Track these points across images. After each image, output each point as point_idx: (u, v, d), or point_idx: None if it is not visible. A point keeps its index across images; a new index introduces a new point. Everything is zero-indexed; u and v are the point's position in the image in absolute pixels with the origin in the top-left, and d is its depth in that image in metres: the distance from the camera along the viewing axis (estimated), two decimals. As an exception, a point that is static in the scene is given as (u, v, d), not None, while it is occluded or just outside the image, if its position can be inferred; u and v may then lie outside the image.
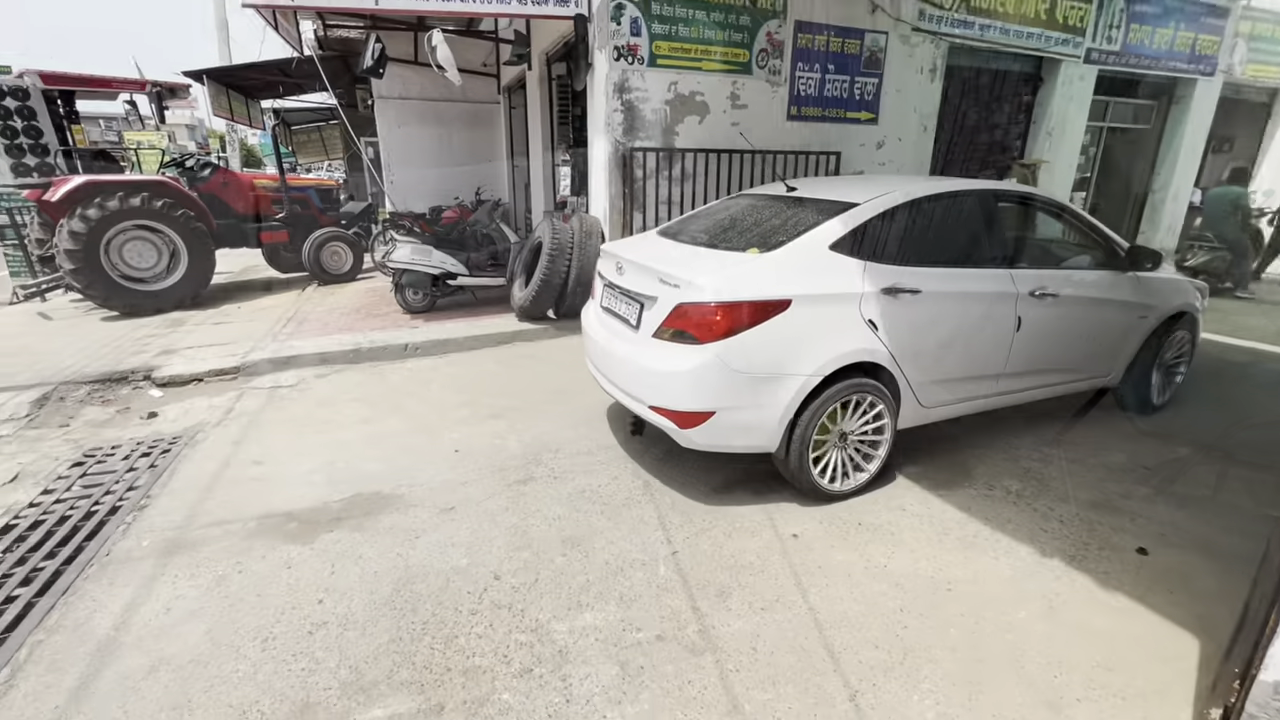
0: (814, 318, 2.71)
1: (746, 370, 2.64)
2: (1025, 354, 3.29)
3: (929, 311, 2.95)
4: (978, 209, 3.25)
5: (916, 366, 2.98)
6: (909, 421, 3.13)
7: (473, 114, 10.86)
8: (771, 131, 6.25)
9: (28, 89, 6.46)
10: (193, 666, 2.03)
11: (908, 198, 3.02)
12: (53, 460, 3.45)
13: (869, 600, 2.32)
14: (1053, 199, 3.56)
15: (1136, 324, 3.69)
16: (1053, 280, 3.32)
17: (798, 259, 2.79)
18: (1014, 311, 3.17)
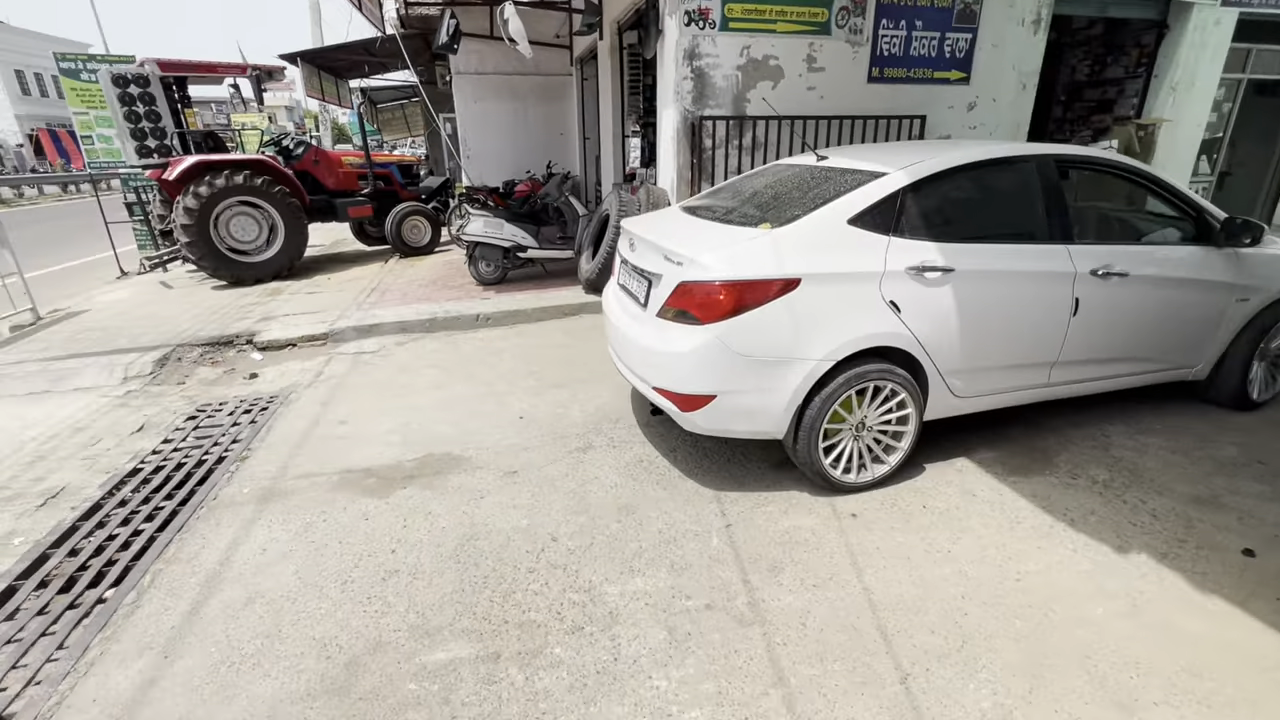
0: (827, 298, 2.53)
1: (750, 353, 2.50)
2: (1084, 341, 2.97)
3: (963, 292, 2.68)
4: (1031, 178, 2.90)
5: (948, 353, 2.73)
6: (940, 413, 2.90)
7: (546, 87, 10.93)
8: (850, 95, 5.92)
9: (148, 76, 7.09)
10: (283, 601, 2.25)
11: (945, 166, 2.74)
12: (171, 414, 3.86)
13: (928, 585, 2.24)
14: (1129, 163, 3.14)
15: (1233, 308, 3.24)
16: (1122, 257, 2.96)
17: (811, 234, 2.59)
18: (1070, 293, 2.86)
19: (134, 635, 2.11)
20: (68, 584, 2.39)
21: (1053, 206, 2.90)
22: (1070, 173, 3.24)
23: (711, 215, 3.07)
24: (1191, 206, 3.19)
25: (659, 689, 1.85)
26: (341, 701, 1.84)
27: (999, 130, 6.64)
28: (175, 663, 1.99)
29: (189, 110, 7.64)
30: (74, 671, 1.97)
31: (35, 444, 3.49)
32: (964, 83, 6.33)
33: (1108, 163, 3.17)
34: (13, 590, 2.36)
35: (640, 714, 1.77)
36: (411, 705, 1.82)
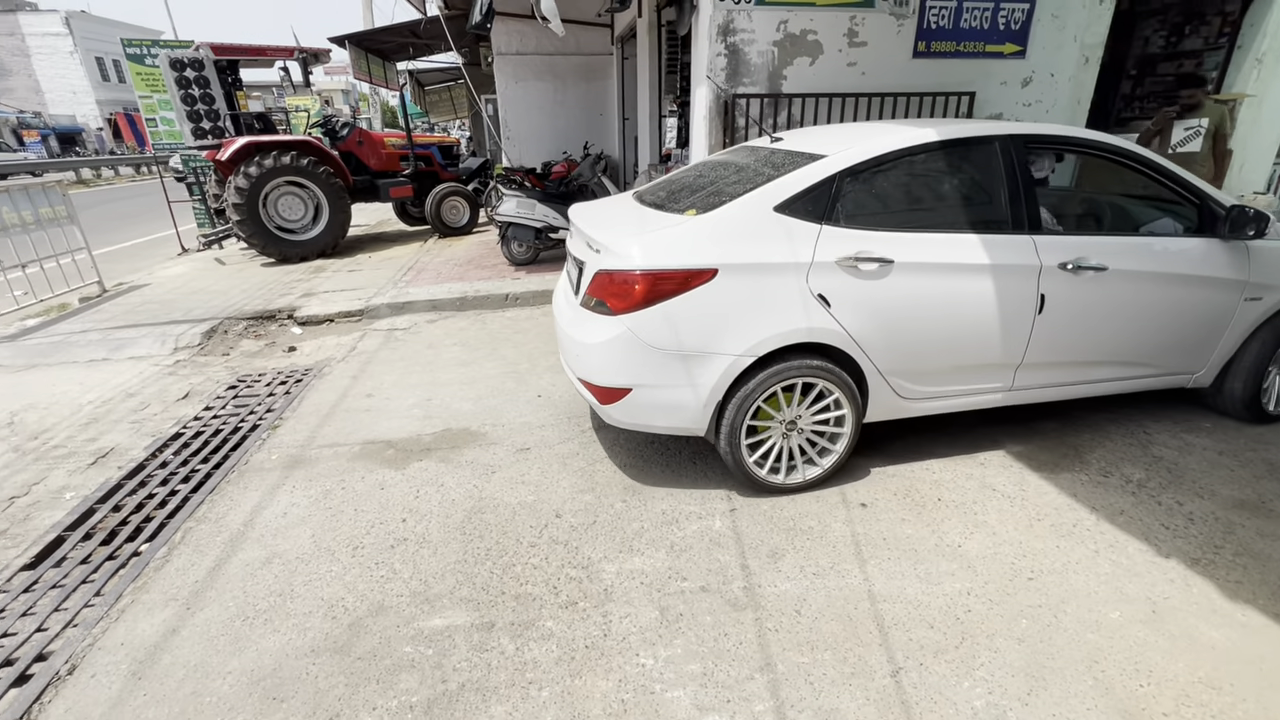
0: (746, 290, 2.36)
1: (664, 346, 2.38)
2: (1054, 342, 2.70)
3: (904, 286, 2.47)
4: (993, 160, 2.62)
5: (888, 352, 2.54)
6: (886, 415, 2.72)
7: (586, 67, 10.87)
8: (894, 71, 5.67)
9: (202, 60, 7.40)
10: (297, 563, 2.36)
11: (889, 148, 2.52)
12: (214, 383, 4.08)
13: (932, 579, 2.17)
14: (1113, 143, 2.77)
15: (1241, 309, 2.86)
16: (1099, 250, 2.65)
17: (734, 222, 2.43)
18: (1035, 288, 2.59)
19: (162, 587, 2.26)
20: (109, 536, 2.57)
21: (1017, 192, 2.61)
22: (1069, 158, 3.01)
23: (654, 201, 2.88)
24: (1192, 193, 2.81)
25: (645, 666, 1.86)
26: (342, 660, 1.92)
27: (1056, 108, 6.25)
28: (196, 614, 2.12)
29: (241, 92, 7.94)
30: (107, 617, 2.12)
31: (91, 407, 3.74)
32: (1019, 56, 5.97)
33: (1087, 143, 2.78)
34: (61, 540, 2.55)
35: (624, 689, 1.79)
36: (406, 667, 1.89)
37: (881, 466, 2.86)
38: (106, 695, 1.82)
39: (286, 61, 7.89)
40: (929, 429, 3.12)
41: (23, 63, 33.73)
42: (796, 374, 2.47)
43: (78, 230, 6.03)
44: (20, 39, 33.27)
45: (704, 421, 2.53)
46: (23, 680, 1.90)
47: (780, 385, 2.48)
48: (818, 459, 2.69)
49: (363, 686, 1.83)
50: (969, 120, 3.00)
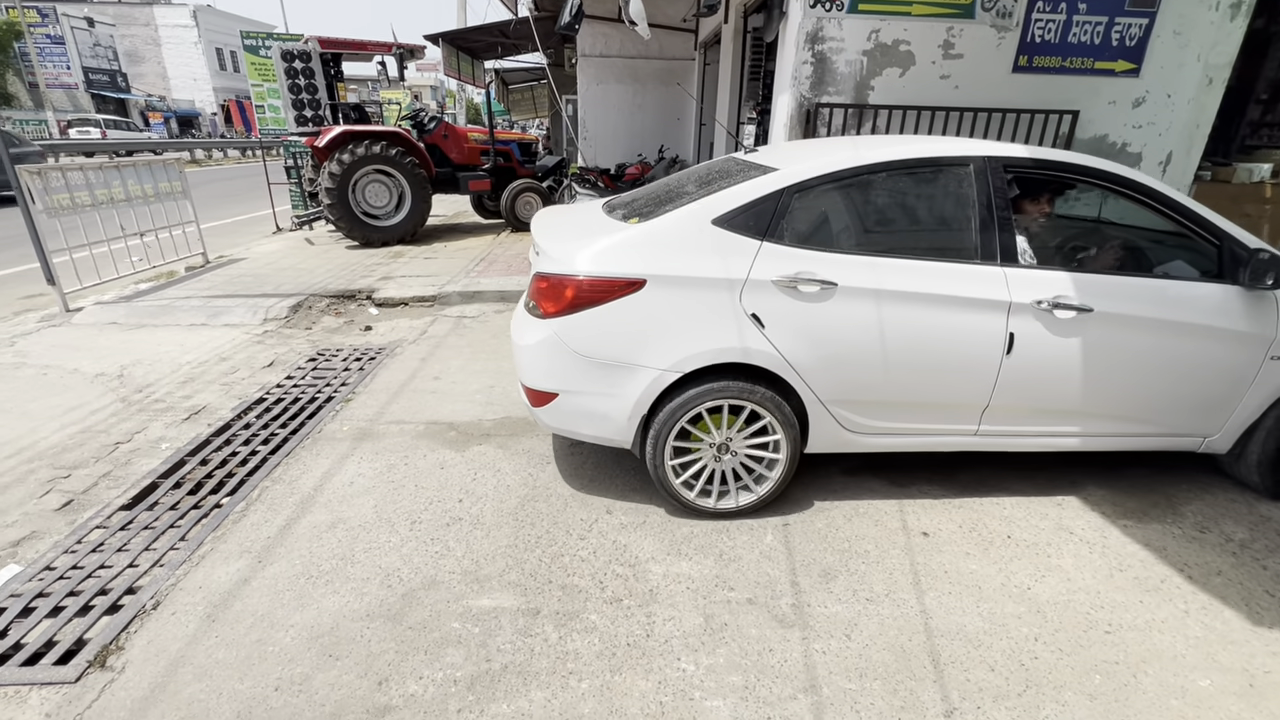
0: (674, 304, 2.29)
1: (589, 354, 2.34)
2: (1025, 387, 2.46)
3: (849, 312, 2.31)
4: (965, 184, 2.42)
5: (829, 380, 2.39)
6: (831, 447, 2.57)
7: (667, 71, 10.93)
8: (990, 86, 5.41)
9: (310, 52, 7.90)
10: (359, 530, 2.47)
11: (846, 165, 2.39)
12: (296, 354, 4.33)
13: (997, 620, 2.05)
14: (1115, 171, 2.49)
15: (1268, 369, 2.49)
16: (1085, 288, 2.38)
17: (668, 233, 2.36)
18: (1003, 326, 2.36)
19: (238, 539, 2.41)
20: (195, 487, 2.77)
21: (989, 219, 2.39)
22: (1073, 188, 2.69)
23: (618, 209, 2.76)
24: (1210, 232, 2.48)
25: (685, 672, 1.84)
26: (394, 627, 1.99)
27: (1170, 131, 5.81)
28: (266, 568, 2.25)
29: (341, 84, 8.42)
30: (189, 561, 2.29)
31: (189, 367, 4.05)
32: (1132, 75, 5.58)
33: (1084, 169, 2.49)
34: (155, 486, 2.77)
35: (663, 692, 1.77)
36: (453, 642, 1.94)
37: (948, 498, 2.73)
38: (184, 633, 1.96)
39: (384, 56, 8.31)
40: (1002, 462, 2.95)
41: (154, 51, 37.07)
42: (725, 395, 2.36)
43: (189, 205, 6.55)
44: (154, 30, 36.58)
45: (629, 435, 2.45)
46: (114, 609, 2.07)
47: (708, 405, 2.38)
48: (753, 485, 2.56)
49: (411, 655, 1.89)
50: (947, 139, 2.74)
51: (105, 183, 5.51)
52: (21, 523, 2.48)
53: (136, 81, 35.89)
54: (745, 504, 2.55)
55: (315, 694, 1.76)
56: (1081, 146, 5.65)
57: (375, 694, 1.76)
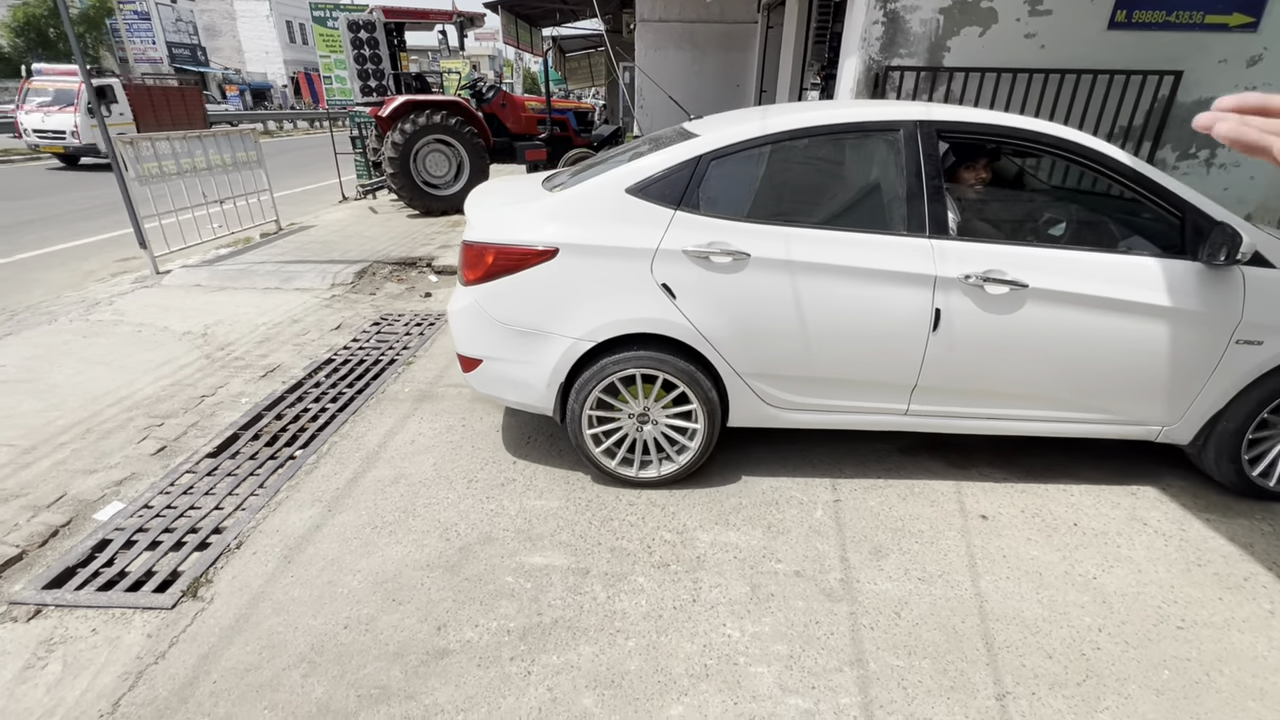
0: (586, 272, 2.28)
1: (506, 321, 2.37)
2: (955, 366, 2.32)
3: (763, 284, 2.24)
4: (894, 150, 2.28)
5: (744, 353, 2.33)
6: (755, 422, 2.50)
7: (727, 35, 10.58)
8: (1082, 44, 4.99)
9: (375, 22, 8.04)
10: (420, 485, 2.59)
11: (766, 131, 2.29)
12: (361, 318, 4.52)
13: (1057, 607, 1.98)
14: (1059, 134, 2.28)
15: (1232, 353, 2.26)
16: (1022, 262, 2.21)
17: (582, 202, 2.33)
18: (929, 301, 2.23)
19: (310, 489, 2.57)
20: (272, 439, 2.95)
21: (918, 188, 2.25)
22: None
23: (555, 179, 2.74)
24: (1172, 203, 2.24)
25: (730, 637, 1.86)
26: (452, 578, 2.10)
27: (1288, 92, 5.22)
28: (335, 516, 2.40)
29: (404, 54, 8.55)
30: (267, 507, 2.46)
31: (264, 328, 4.29)
32: (1249, 29, 5.03)
33: (1030, 134, 2.29)
34: (236, 437, 2.97)
35: (708, 655, 1.80)
36: (506, 595, 2.02)
37: (1011, 481, 2.63)
38: (263, 571, 2.12)
39: (445, 25, 8.37)
40: (1072, 448, 2.81)
41: (229, 25, 38.57)
42: (638, 365, 2.35)
43: (264, 174, 6.85)
44: (230, 4, 38.01)
45: (549, 401, 2.46)
46: (203, 546, 2.25)
47: (620, 375, 2.36)
48: (674, 456, 2.54)
49: (468, 604, 1.98)
50: (880, 102, 2.54)
51: (189, 152, 5.83)
52: (123, 465, 2.72)
53: (214, 55, 37.52)
54: (666, 474, 2.54)
55: (380, 634, 1.87)
56: (1184, 110, 5.18)
57: (434, 638, 1.86)
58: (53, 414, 3.10)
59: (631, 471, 2.55)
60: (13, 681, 1.72)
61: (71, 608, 1.97)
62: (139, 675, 1.74)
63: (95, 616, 1.94)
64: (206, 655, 1.80)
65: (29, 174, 12.49)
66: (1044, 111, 5.02)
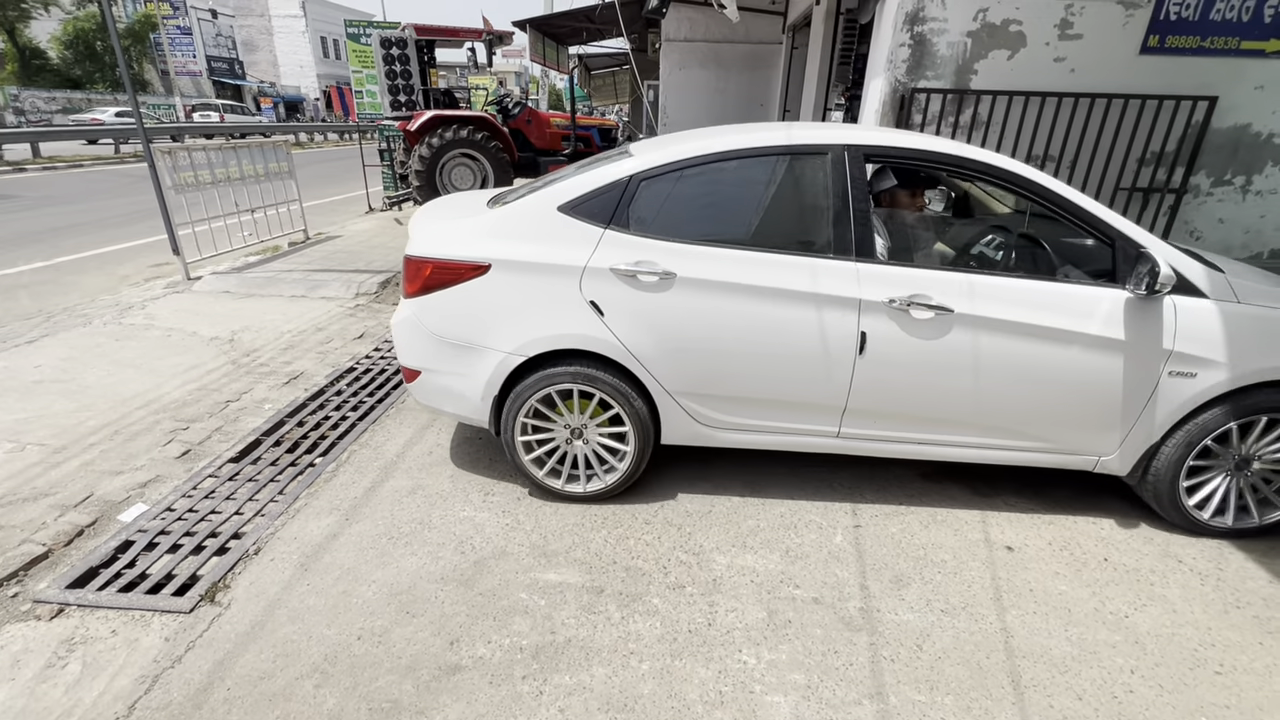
0: (517, 288, 2.33)
1: (441, 334, 2.42)
2: (884, 390, 2.31)
3: (688, 303, 2.26)
4: (820, 173, 2.30)
5: (672, 371, 2.35)
6: (685, 440, 2.51)
7: (752, 55, 10.67)
8: (1113, 69, 4.94)
9: (406, 39, 8.24)
10: (436, 498, 2.59)
11: (695, 154, 2.32)
12: (384, 328, 4.57)
13: (1087, 646, 1.91)
14: (986, 160, 2.29)
15: (1166, 385, 2.22)
16: (947, 288, 2.20)
17: (516, 219, 2.40)
18: (855, 324, 2.23)
19: (328, 496, 2.59)
20: (293, 446, 2.99)
21: (844, 211, 2.26)
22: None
23: (500, 197, 2.75)
24: (1100, 230, 2.23)
25: (746, 664, 1.82)
26: (466, 592, 2.09)
27: (1328, 120, 5.12)
28: (352, 525, 2.41)
29: (434, 70, 8.74)
30: (286, 513, 2.48)
31: (289, 335, 4.36)
32: (1286, 56, 4.95)
33: (958, 160, 2.30)
34: (258, 442, 3.01)
35: (723, 681, 1.77)
36: (520, 612, 2.01)
37: (1038, 512, 2.56)
38: (280, 578, 2.13)
39: (474, 43, 8.55)
40: (1101, 481, 2.73)
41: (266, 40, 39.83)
42: (570, 380, 2.37)
43: (294, 184, 7.02)
44: (267, 20, 39.29)
45: (484, 414, 2.49)
46: (222, 551, 2.27)
47: (555, 389, 2.40)
48: (602, 475, 2.56)
49: (481, 620, 1.97)
50: (812, 125, 2.57)
51: (224, 162, 5.99)
52: (148, 467, 2.77)
53: (250, 69, 38.74)
54: (592, 490, 2.55)
55: (393, 646, 1.87)
56: (1218, 137, 5.10)
57: (447, 653, 1.85)
58: (83, 414, 3.17)
59: (558, 484, 2.57)
60: (34, 680, 1.74)
61: (93, 608, 2.00)
62: (155, 679, 1.75)
63: (115, 618, 1.96)
64: (221, 661, 1.81)
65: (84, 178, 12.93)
66: (1073, 136, 4.97)
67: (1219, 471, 2.36)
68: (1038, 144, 5.06)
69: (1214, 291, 2.21)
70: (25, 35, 28.77)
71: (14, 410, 3.19)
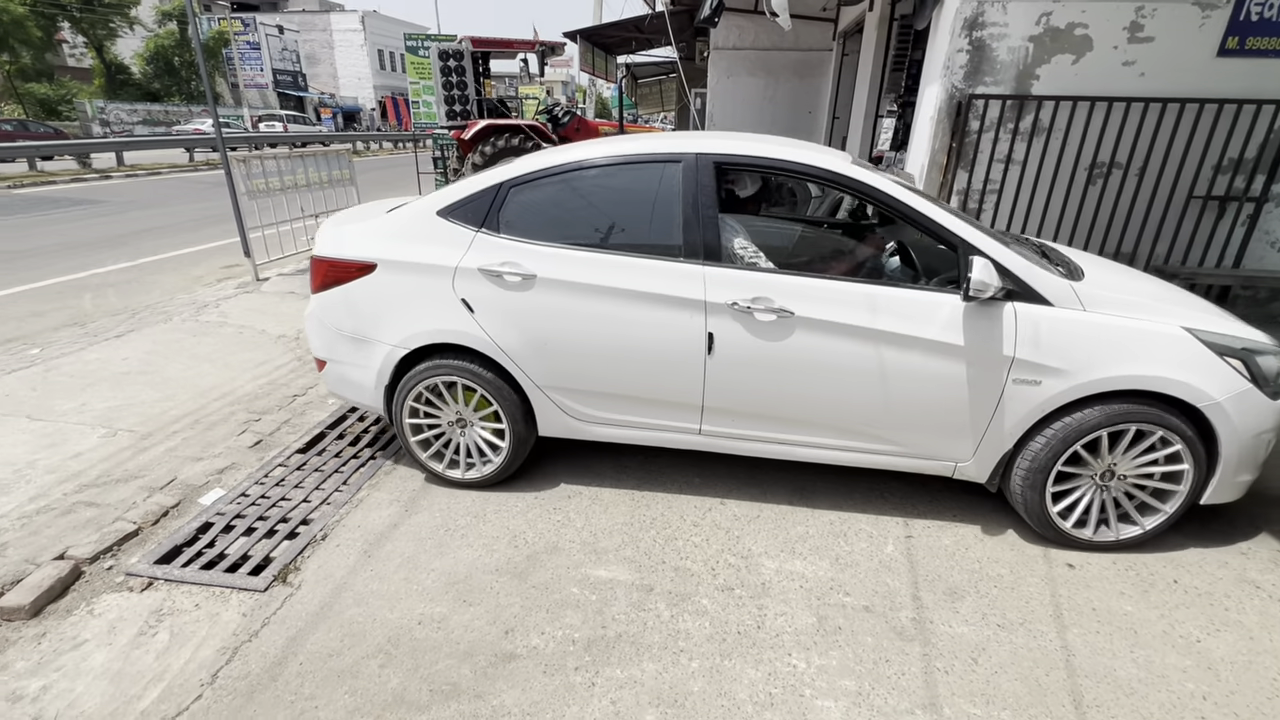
0: (399, 286, 2.50)
1: (337, 327, 2.62)
2: (736, 389, 2.39)
3: (548, 302, 2.40)
4: (673, 181, 2.37)
5: (539, 366, 2.49)
6: (561, 433, 2.64)
7: (801, 63, 10.62)
8: (1187, 73, 4.73)
9: (463, 51, 8.53)
10: (491, 492, 2.67)
11: (559, 161, 2.48)
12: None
13: (1155, 670, 1.83)
14: (832, 169, 2.30)
15: (1012, 392, 2.19)
16: (789, 291, 2.25)
17: (403, 222, 2.58)
18: (702, 325, 2.31)
19: (389, 488, 2.71)
20: (355, 439, 3.13)
21: (694, 217, 2.34)
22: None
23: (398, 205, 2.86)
24: (945, 238, 2.21)
25: (796, 668, 1.83)
26: (519, 584, 2.15)
27: None
28: (411, 516, 2.51)
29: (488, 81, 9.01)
30: (350, 502, 2.60)
31: (351, 334, 4.56)
32: (1379, 57, 4.64)
33: (806, 168, 2.32)
34: (323, 435, 3.17)
35: (773, 684, 1.78)
36: (571, 605, 2.06)
37: (1099, 528, 2.47)
38: (345, 563, 2.24)
39: (527, 54, 8.78)
40: (1171, 498, 2.61)
41: (327, 53, 41.68)
42: (451, 373, 2.53)
43: (355, 191, 7.33)
44: (329, 34, 41.12)
45: (379, 402, 2.65)
46: (292, 535, 2.40)
47: (440, 381, 2.55)
48: (480, 466, 2.69)
49: (534, 611, 2.03)
50: (676, 135, 2.68)
51: (291, 170, 6.32)
52: (225, 455, 2.95)
53: (312, 81, 40.59)
54: (470, 477, 2.70)
55: (451, 632, 1.94)
56: (1302, 142, 4.82)
57: (502, 641, 1.91)
58: (167, 404, 3.40)
59: (439, 467, 2.72)
60: (128, 646, 1.89)
61: (178, 583, 2.15)
62: (235, 651, 1.87)
63: (198, 592, 2.11)
64: (294, 638, 1.92)
65: (161, 185, 13.81)
66: (1143, 142, 4.78)
67: (1084, 482, 2.31)
68: (1104, 150, 4.88)
69: (1058, 299, 2.17)
70: (111, 52, 30.93)
71: (106, 399, 3.44)
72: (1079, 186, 4.99)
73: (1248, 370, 2.13)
